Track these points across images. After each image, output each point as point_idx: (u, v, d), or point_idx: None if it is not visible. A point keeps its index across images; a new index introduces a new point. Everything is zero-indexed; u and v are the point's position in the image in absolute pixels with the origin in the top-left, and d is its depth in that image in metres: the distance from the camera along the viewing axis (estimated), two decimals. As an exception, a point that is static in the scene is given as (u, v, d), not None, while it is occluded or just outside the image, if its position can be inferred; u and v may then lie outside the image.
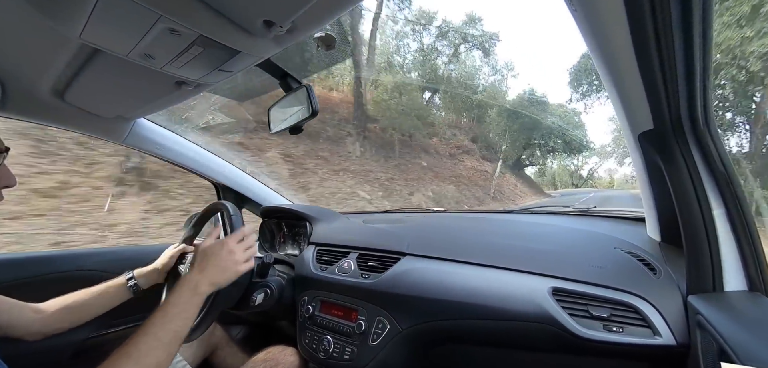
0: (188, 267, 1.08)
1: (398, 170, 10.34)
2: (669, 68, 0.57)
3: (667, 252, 0.86)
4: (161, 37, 0.62)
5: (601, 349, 0.73)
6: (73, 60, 0.78)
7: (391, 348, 0.97)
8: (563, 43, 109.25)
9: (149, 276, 1.08)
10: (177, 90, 0.88)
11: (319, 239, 1.31)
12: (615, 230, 1.07)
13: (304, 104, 0.91)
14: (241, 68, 0.78)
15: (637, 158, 0.83)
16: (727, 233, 0.65)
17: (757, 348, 0.48)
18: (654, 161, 0.75)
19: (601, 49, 0.61)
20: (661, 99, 0.62)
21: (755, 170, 9.81)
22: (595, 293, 0.77)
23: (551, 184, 45.14)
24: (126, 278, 1.05)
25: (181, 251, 1.15)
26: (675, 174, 0.68)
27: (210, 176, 1.58)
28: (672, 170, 0.69)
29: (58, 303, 0.94)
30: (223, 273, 0.86)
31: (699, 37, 0.52)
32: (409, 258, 1.05)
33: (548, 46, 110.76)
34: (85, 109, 1.06)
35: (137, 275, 1.06)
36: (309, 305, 1.15)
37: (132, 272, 1.06)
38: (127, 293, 1.04)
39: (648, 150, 0.76)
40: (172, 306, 0.75)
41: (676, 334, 0.68)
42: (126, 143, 1.28)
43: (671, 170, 0.69)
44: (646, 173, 0.84)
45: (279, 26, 0.61)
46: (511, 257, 0.93)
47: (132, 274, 1.06)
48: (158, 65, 0.73)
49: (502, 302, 0.85)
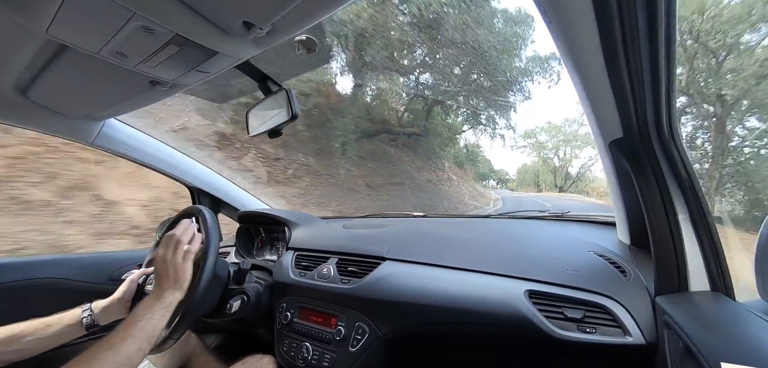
0: None
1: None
2: (637, 79, 0.59)
3: (637, 255, 0.90)
4: (135, 35, 0.60)
5: (575, 349, 0.75)
6: (39, 56, 0.74)
7: (371, 353, 0.97)
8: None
9: (110, 309, 0.96)
10: (151, 90, 0.85)
11: (298, 244, 1.30)
12: (588, 234, 1.10)
13: (284, 107, 0.90)
14: (219, 70, 0.76)
15: (608, 165, 0.86)
16: (691, 237, 0.68)
17: (718, 345, 0.50)
18: (624, 167, 0.78)
19: (574, 60, 0.63)
20: (629, 108, 0.66)
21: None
22: (570, 295, 0.80)
23: (534, 183, 46.09)
24: (81, 310, 0.93)
25: (143, 274, 1.06)
26: (643, 180, 0.71)
27: (185, 180, 1.53)
28: (640, 176, 0.72)
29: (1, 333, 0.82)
30: (181, 269, 0.86)
31: (664, 49, 0.54)
32: (389, 263, 1.05)
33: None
34: (51, 108, 1.00)
35: (95, 308, 0.94)
36: (287, 311, 1.13)
37: (89, 305, 0.94)
38: (80, 329, 0.91)
39: (618, 157, 0.79)
40: (140, 310, 0.78)
41: (645, 333, 0.71)
42: (95, 145, 1.22)
43: (639, 177, 0.72)
44: (616, 179, 0.88)
45: (259, 28, 0.60)
46: (489, 261, 0.94)
47: (89, 306, 0.94)
48: (131, 64, 0.71)
49: (480, 305, 0.86)
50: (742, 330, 0.55)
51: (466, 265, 0.95)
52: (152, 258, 1.16)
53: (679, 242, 0.68)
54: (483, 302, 0.86)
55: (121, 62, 0.70)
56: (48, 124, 1.10)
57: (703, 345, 0.51)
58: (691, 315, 0.61)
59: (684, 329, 0.57)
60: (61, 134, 1.16)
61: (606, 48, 0.56)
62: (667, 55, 0.56)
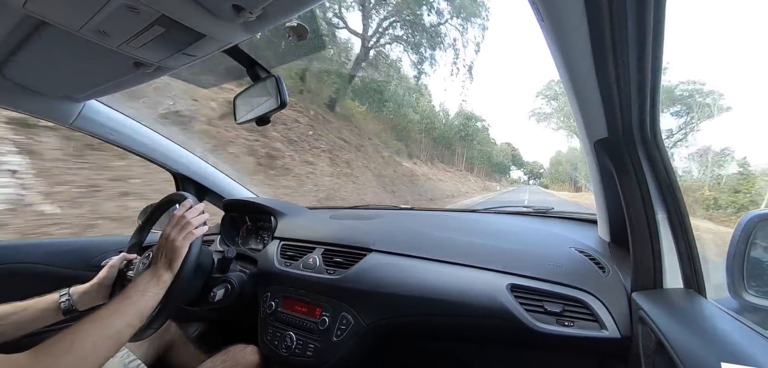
0: (139, 268, 1.01)
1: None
2: (623, 80, 0.61)
3: (616, 252, 0.92)
4: (118, 14, 0.58)
5: (554, 342, 0.78)
6: (15, 31, 0.71)
7: (354, 343, 0.97)
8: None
9: (89, 294, 0.94)
10: (134, 71, 0.82)
11: (284, 233, 1.29)
12: (570, 231, 1.13)
13: (273, 95, 0.88)
14: (207, 54, 0.74)
15: (592, 164, 0.88)
16: (668, 236, 0.71)
17: (688, 340, 0.53)
18: (607, 166, 0.80)
19: (564, 60, 0.64)
20: (615, 109, 0.67)
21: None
22: (550, 289, 0.82)
23: (570, 179, 44.23)
24: (59, 294, 0.90)
25: (123, 259, 1.04)
26: (625, 180, 0.73)
27: (168, 165, 1.50)
28: (622, 175, 0.74)
29: None
30: (178, 251, 0.85)
31: (651, 53, 0.56)
32: (375, 254, 1.05)
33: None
34: (28, 86, 0.96)
35: (74, 293, 0.92)
36: (272, 301, 1.13)
37: (67, 290, 0.92)
38: (57, 314, 0.89)
39: (602, 156, 0.81)
40: (133, 286, 0.78)
41: (621, 328, 0.73)
42: (74, 126, 1.18)
43: (622, 176, 0.74)
44: (599, 178, 0.90)
45: (248, 12, 0.59)
46: (473, 254, 0.96)
47: (67, 291, 0.92)
48: (114, 44, 0.68)
49: (463, 297, 0.87)
50: (711, 326, 0.57)
51: (451, 258, 0.97)
52: (135, 243, 1.15)
53: (657, 241, 0.71)
54: (466, 294, 0.87)
55: (104, 41, 0.68)
56: (24, 103, 1.06)
57: (674, 339, 0.54)
58: (664, 311, 0.63)
59: (657, 324, 0.59)
60: (38, 114, 1.12)
61: (595, 50, 0.57)
62: (653, 59, 0.57)
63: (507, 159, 60.66)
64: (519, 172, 51.95)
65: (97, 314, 0.69)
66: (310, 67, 12.02)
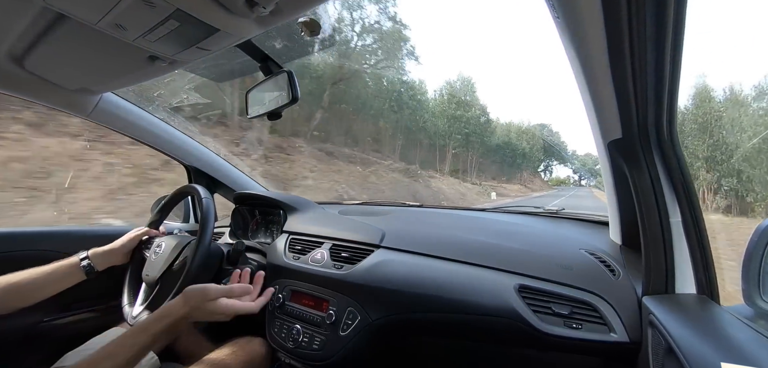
0: (153, 256, 1.05)
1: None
2: (640, 79, 0.60)
3: (627, 255, 0.91)
4: (134, 8, 0.59)
5: (561, 344, 0.77)
6: (35, 24, 0.72)
7: (361, 338, 0.98)
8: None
9: (106, 256, 1.03)
10: (150, 65, 0.84)
11: (293, 228, 1.30)
12: (581, 233, 1.11)
13: (285, 90, 0.89)
14: (221, 48, 0.75)
15: (606, 165, 0.87)
16: (681, 240, 0.69)
17: (700, 348, 0.52)
18: (621, 168, 0.78)
19: (579, 57, 0.63)
20: (631, 108, 0.66)
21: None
22: (559, 291, 0.81)
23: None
24: (79, 258, 0.99)
25: (146, 233, 1.11)
26: (639, 181, 0.72)
27: (181, 158, 1.53)
28: (637, 177, 0.72)
29: (2, 282, 0.87)
30: (214, 316, 0.83)
31: (670, 51, 0.55)
32: (383, 251, 1.06)
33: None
34: (48, 78, 0.99)
35: (92, 255, 1.01)
36: (279, 294, 1.14)
37: (86, 252, 1.01)
38: (80, 273, 0.98)
39: (616, 158, 0.80)
40: (160, 317, 0.78)
41: (630, 332, 0.72)
42: (92, 118, 1.21)
43: (636, 178, 0.73)
44: (612, 179, 0.88)
45: (262, 7, 0.59)
46: (482, 254, 0.95)
47: (86, 254, 1.01)
48: (130, 37, 0.70)
49: (471, 296, 0.87)
50: (724, 334, 0.56)
51: (459, 256, 0.96)
52: (155, 222, 1.21)
53: (670, 245, 0.69)
54: (474, 293, 0.87)
55: (120, 35, 0.69)
56: (44, 94, 1.09)
57: (686, 347, 0.52)
58: (676, 316, 0.62)
59: (668, 329, 0.58)
60: (57, 105, 1.15)
61: (612, 48, 0.56)
62: (673, 59, 0.56)
63: (534, 149, 42.99)
64: (566, 169, 44.47)
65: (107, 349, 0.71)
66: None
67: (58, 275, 0.95)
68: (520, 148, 40.41)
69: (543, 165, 45.99)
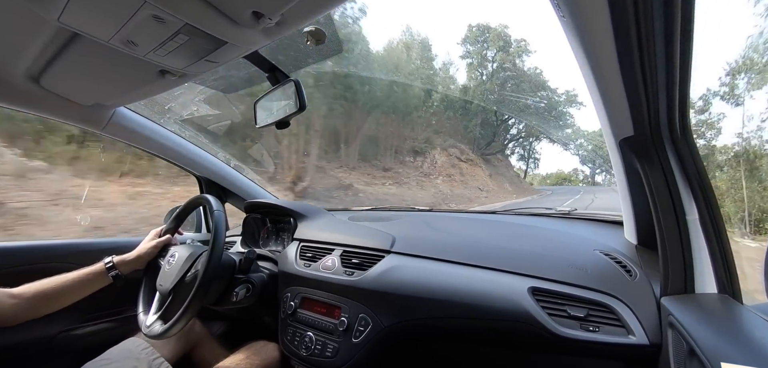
0: (166, 266, 1.07)
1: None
2: (650, 76, 0.58)
3: (643, 255, 0.89)
4: (145, 24, 0.61)
5: (578, 347, 0.75)
6: (51, 43, 0.75)
7: (374, 345, 0.97)
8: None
9: (129, 263, 1.07)
10: (160, 79, 0.86)
11: (303, 235, 1.30)
12: (594, 233, 1.09)
13: (292, 99, 0.90)
14: (228, 59, 0.76)
15: (618, 163, 0.85)
16: (699, 238, 0.68)
17: (724, 348, 0.50)
18: (633, 166, 0.77)
19: (587, 56, 0.62)
20: (641, 106, 0.64)
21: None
22: (573, 293, 0.79)
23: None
24: (104, 264, 1.03)
25: (165, 242, 1.13)
26: (653, 180, 0.71)
27: (193, 169, 1.55)
28: (650, 175, 0.71)
29: (34, 288, 0.91)
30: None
31: (680, 46, 0.53)
32: (393, 256, 1.05)
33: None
34: (63, 95, 1.02)
35: (117, 260, 1.05)
36: (291, 301, 1.14)
37: (111, 258, 1.05)
38: (106, 279, 1.02)
39: (628, 156, 0.78)
40: None
41: (649, 334, 0.70)
42: (106, 132, 1.24)
43: (649, 176, 0.71)
44: (625, 178, 0.87)
45: (268, 18, 0.60)
46: (493, 257, 0.94)
47: (111, 259, 1.04)
48: (141, 53, 0.71)
49: (484, 301, 0.86)
50: (748, 333, 0.54)
51: (471, 260, 0.95)
52: (168, 231, 1.23)
53: (687, 243, 0.68)
54: (486, 297, 0.86)
55: (132, 51, 0.71)
56: (60, 110, 1.12)
57: (708, 346, 0.51)
58: (697, 316, 0.60)
59: (689, 330, 0.56)
60: (72, 120, 1.18)
61: (620, 45, 0.55)
62: (683, 53, 0.54)
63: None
64: (569, 156, 32.41)
65: None
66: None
67: (86, 281, 0.99)
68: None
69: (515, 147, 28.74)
